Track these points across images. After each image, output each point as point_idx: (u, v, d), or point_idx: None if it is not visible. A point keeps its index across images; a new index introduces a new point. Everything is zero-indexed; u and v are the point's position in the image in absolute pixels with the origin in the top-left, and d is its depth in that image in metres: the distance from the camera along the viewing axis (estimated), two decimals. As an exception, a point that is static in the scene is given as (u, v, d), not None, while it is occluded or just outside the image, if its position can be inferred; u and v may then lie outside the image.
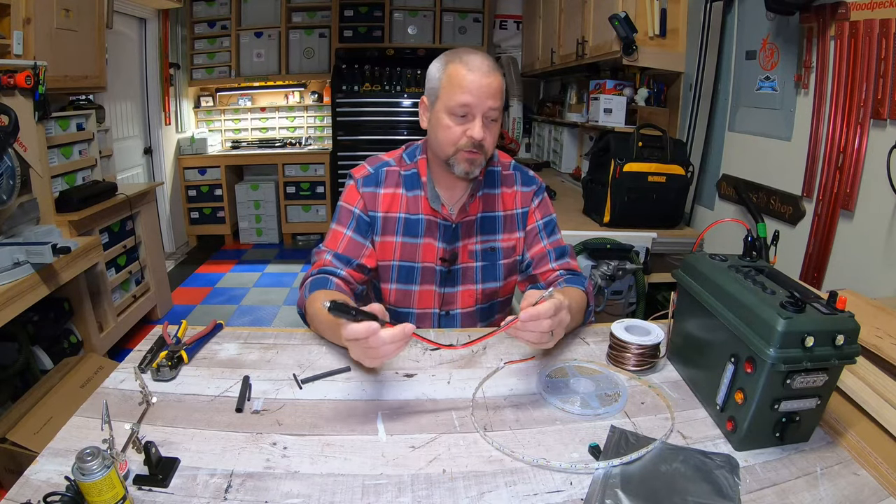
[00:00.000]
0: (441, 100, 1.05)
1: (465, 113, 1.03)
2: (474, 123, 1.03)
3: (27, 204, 2.03)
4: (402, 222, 1.16)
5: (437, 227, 1.17)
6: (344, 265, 1.12)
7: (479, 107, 1.02)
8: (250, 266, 4.12)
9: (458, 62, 1.03)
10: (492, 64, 1.04)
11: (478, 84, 1.01)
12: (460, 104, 1.02)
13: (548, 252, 1.21)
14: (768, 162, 1.99)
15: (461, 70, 1.02)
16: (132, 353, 1.00)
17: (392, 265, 1.18)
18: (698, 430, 0.81)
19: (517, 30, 4.74)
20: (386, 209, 1.16)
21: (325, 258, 1.13)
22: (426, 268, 1.19)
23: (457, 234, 1.18)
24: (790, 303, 0.73)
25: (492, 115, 1.04)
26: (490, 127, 1.06)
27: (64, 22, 2.25)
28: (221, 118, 4.83)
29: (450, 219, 1.16)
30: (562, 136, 3.74)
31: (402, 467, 0.73)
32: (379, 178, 1.17)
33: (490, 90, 1.02)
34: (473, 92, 1.01)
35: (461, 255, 1.19)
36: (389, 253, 1.18)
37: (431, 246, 1.17)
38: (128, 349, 2.56)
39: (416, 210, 1.16)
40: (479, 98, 1.01)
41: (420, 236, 1.17)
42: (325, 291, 1.05)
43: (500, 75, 1.04)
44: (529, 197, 1.22)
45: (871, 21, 1.49)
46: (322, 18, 4.56)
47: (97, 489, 0.60)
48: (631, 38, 2.34)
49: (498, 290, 1.24)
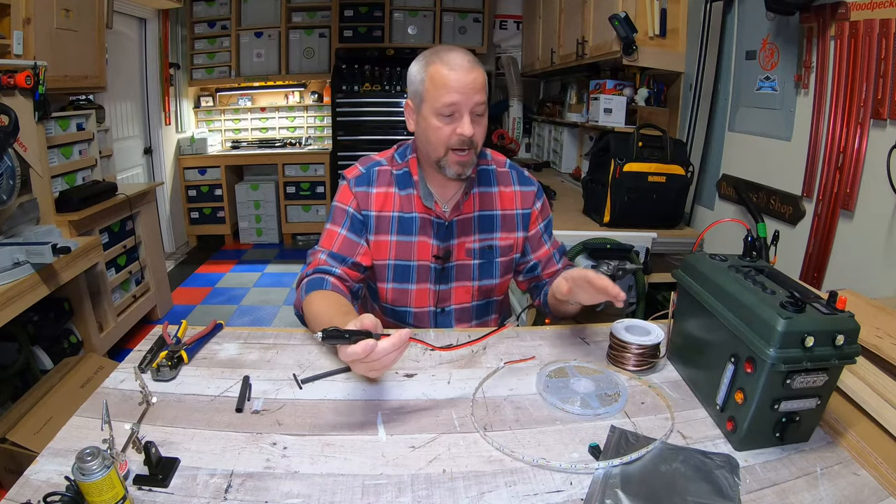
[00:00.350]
0: (427, 102, 1.05)
1: (453, 112, 1.04)
2: (463, 121, 1.04)
3: (27, 204, 2.03)
4: (395, 221, 1.17)
5: (430, 224, 1.17)
6: (339, 264, 1.13)
7: (466, 104, 1.03)
8: (250, 266, 4.12)
9: (438, 62, 1.03)
10: (471, 59, 1.04)
11: (462, 82, 1.01)
12: (447, 104, 1.02)
13: (553, 253, 1.26)
14: (768, 162, 1.99)
15: (443, 70, 1.02)
16: (132, 353, 1.00)
17: (388, 264, 1.19)
18: (698, 430, 0.81)
19: (517, 30, 4.74)
20: (379, 208, 1.17)
21: (320, 258, 1.13)
22: (421, 265, 1.19)
23: (451, 231, 1.18)
24: (790, 303, 0.73)
25: (478, 109, 1.05)
26: (477, 121, 1.06)
27: (64, 22, 2.25)
28: (221, 118, 4.83)
29: (443, 216, 1.17)
30: (562, 136, 3.74)
31: (402, 467, 0.73)
32: (371, 178, 1.17)
33: (475, 86, 1.02)
34: (459, 90, 1.01)
35: (457, 253, 1.20)
36: (385, 252, 1.18)
37: (426, 244, 1.18)
38: (128, 349, 2.56)
39: (410, 208, 1.17)
40: (465, 95, 1.02)
41: (414, 234, 1.17)
42: (321, 292, 1.05)
43: (481, 68, 1.05)
44: (531, 199, 1.23)
45: (871, 21, 1.49)
46: (322, 18, 4.56)
47: (97, 489, 0.60)
48: (631, 38, 2.34)
49: (494, 287, 1.25)
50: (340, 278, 1.11)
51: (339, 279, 1.11)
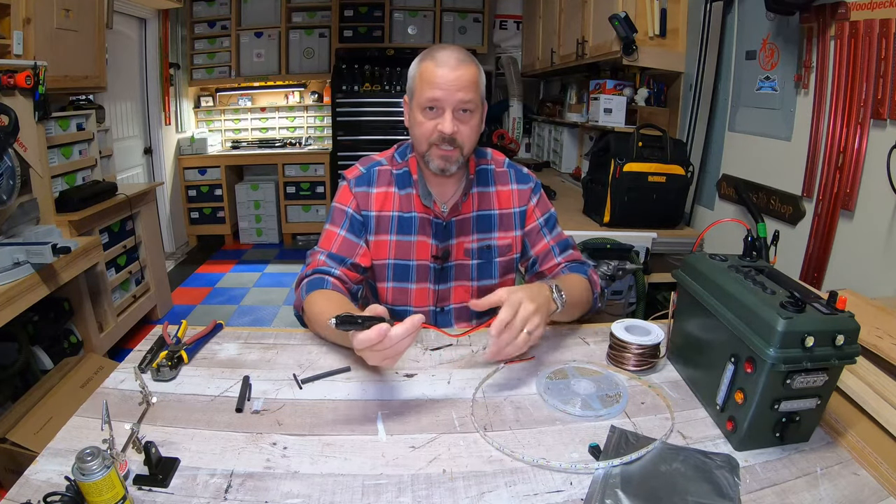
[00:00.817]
0: (415, 97, 1.08)
1: (435, 107, 1.04)
2: (444, 118, 1.04)
3: (27, 204, 2.03)
4: (395, 220, 1.17)
5: (429, 224, 1.17)
6: (338, 264, 1.13)
7: (449, 101, 1.03)
8: (250, 266, 4.12)
9: (428, 59, 1.05)
10: (462, 56, 1.04)
11: (445, 78, 1.02)
12: (429, 99, 1.04)
13: (552, 248, 1.23)
14: (768, 162, 1.99)
15: (430, 66, 1.04)
16: (132, 353, 1.00)
17: (387, 263, 1.19)
18: (698, 430, 0.81)
19: (517, 30, 4.74)
20: (379, 208, 1.17)
21: (320, 258, 1.13)
22: (420, 265, 1.19)
23: (449, 231, 1.18)
24: (790, 303, 0.73)
25: (463, 107, 1.05)
26: (463, 119, 1.06)
27: (64, 22, 2.25)
28: (221, 118, 4.83)
29: (441, 216, 1.17)
30: (562, 136, 3.74)
31: (402, 467, 0.73)
32: (371, 178, 1.18)
33: (459, 83, 1.02)
34: (441, 86, 1.02)
35: (455, 253, 1.20)
36: (384, 252, 1.18)
37: (425, 243, 1.18)
38: (128, 349, 2.56)
39: (409, 208, 1.17)
40: (448, 91, 1.02)
41: (413, 234, 1.18)
42: (322, 292, 1.05)
43: (471, 66, 1.05)
44: (527, 195, 1.23)
45: (871, 21, 1.49)
46: (322, 18, 4.56)
47: (97, 489, 0.60)
48: (631, 38, 2.34)
49: (494, 287, 1.25)
50: (340, 279, 1.11)
51: (339, 280, 1.11)
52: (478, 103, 1.07)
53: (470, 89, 1.04)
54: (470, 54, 1.07)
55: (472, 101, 1.05)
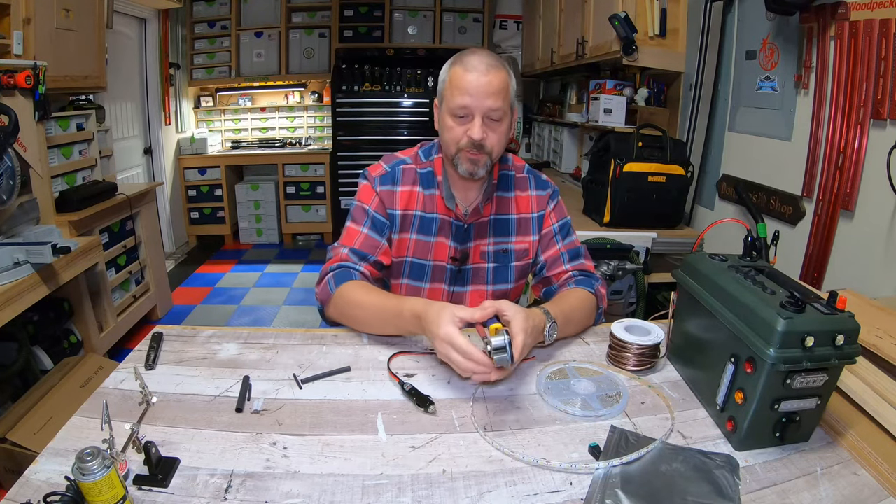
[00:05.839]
0: (445, 101, 1.07)
1: (465, 114, 1.04)
2: (473, 123, 1.04)
3: (27, 204, 2.03)
4: (417, 220, 1.18)
5: (449, 226, 1.18)
6: (360, 260, 1.13)
7: (478, 107, 1.03)
8: (250, 266, 4.12)
9: (458, 63, 1.05)
10: (492, 62, 1.03)
11: (475, 84, 1.01)
12: (459, 105, 1.03)
13: (561, 254, 1.23)
14: (768, 162, 1.99)
15: (459, 71, 1.03)
16: (132, 353, 1.00)
17: (405, 261, 1.20)
18: (698, 430, 0.81)
19: (517, 30, 4.74)
20: (404, 206, 1.17)
21: (342, 253, 1.14)
22: (437, 266, 1.20)
23: (469, 234, 1.19)
24: (790, 303, 0.73)
25: (493, 114, 1.04)
26: (492, 126, 1.05)
27: (64, 22, 2.25)
28: (221, 118, 4.82)
29: (462, 219, 1.17)
30: (562, 136, 3.74)
31: (402, 467, 0.73)
32: (396, 176, 1.18)
33: (489, 89, 1.01)
34: (471, 92, 1.02)
35: (473, 256, 1.20)
36: (404, 249, 1.19)
37: (444, 245, 1.19)
38: (128, 349, 2.55)
39: (432, 208, 1.18)
40: (477, 98, 1.02)
41: (433, 235, 1.18)
42: (355, 282, 1.07)
43: (502, 73, 1.03)
44: (545, 201, 1.23)
45: (871, 21, 1.49)
46: (322, 18, 4.56)
47: (97, 489, 0.60)
48: (631, 38, 2.34)
49: (508, 292, 1.25)
50: (362, 274, 1.12)
51: (362, 275, 1.12)
52: (507, 110, 1.06)
53: (499, 96, 1.03)
54: (501, 59, 1.06)
55: (501, 109, 1.04)
